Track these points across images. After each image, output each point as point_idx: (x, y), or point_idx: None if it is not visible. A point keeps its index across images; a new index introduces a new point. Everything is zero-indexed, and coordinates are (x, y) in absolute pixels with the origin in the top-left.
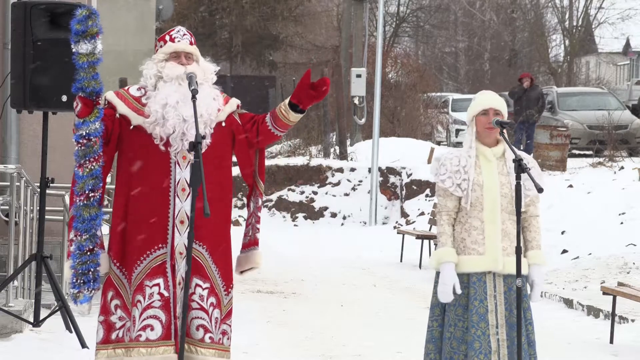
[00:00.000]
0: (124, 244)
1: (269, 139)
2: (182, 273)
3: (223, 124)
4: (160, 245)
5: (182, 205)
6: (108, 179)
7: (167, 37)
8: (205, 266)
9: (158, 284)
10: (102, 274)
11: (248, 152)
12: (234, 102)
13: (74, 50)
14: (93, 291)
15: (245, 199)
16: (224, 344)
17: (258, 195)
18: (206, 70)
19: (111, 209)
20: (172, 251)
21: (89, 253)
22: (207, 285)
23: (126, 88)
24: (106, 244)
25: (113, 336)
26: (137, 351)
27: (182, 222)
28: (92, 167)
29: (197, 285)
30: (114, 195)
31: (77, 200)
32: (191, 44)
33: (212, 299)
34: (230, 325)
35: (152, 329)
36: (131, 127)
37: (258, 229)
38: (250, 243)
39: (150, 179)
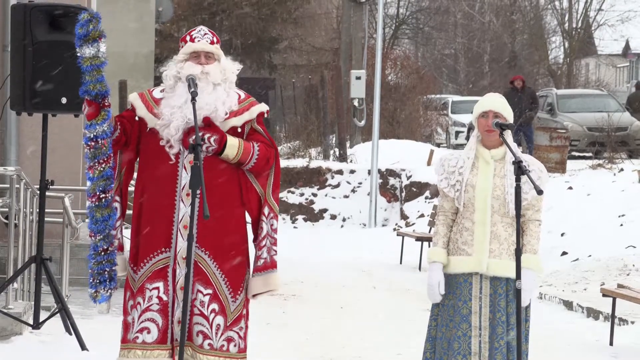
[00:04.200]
0: (137, 247)
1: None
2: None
3: (239, 130)
4: (163, 249)
5: (187, 210)
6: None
7: (188, 37)
8: (208, 272)
9: (158, 288)
10: (120, 275)
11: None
12: (256, 110)
13: (78, 54)
14: (110, 290)
15: None
16: (230, 351)
17: (273, 217)
18: (226, 69)
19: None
20: (175, 256)
21: (103, 253)
22: (208, 291)
23: (151, 90)
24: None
25: (128, 336)
26: (134, 353)
27: (185, 227)
28: (102, 169)
29: (198, 291)
30: (134, 198)
31: (89, 202)
32: (212, 43)
33: (215, 306)
34: (239, 332)
35: (148, 332)
36: (147, 129)
37: (275, 251)
38: (267, 266)
39: (158, 183)
